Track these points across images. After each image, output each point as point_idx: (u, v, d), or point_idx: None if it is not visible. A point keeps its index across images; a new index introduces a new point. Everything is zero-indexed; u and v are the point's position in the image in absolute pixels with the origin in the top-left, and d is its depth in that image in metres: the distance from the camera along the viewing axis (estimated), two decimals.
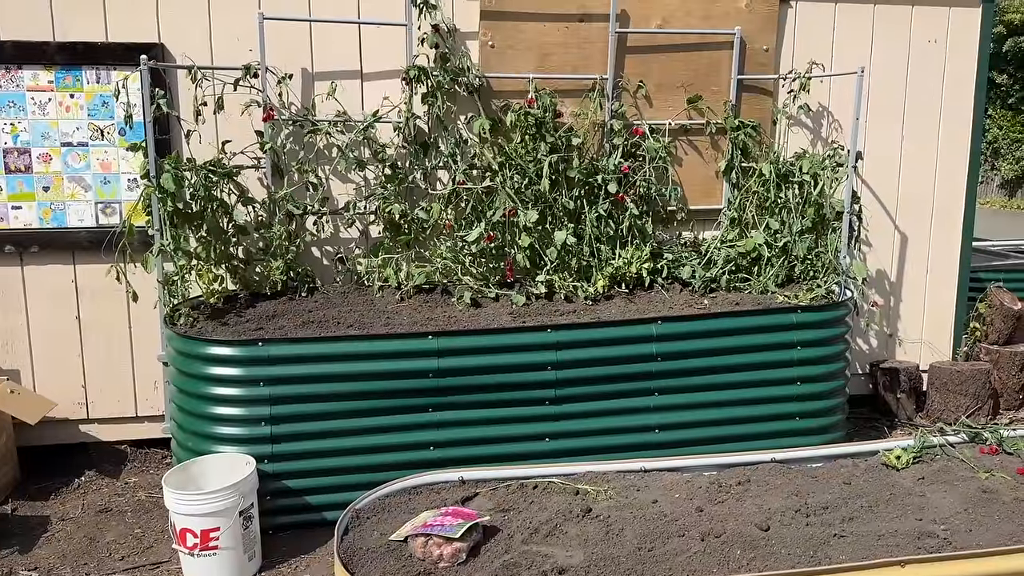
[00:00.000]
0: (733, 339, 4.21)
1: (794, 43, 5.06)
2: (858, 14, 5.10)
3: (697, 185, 5.10)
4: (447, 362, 3.86)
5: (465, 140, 4.67)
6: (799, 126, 5.15)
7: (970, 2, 5.22)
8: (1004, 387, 5.41)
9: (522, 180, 4.60)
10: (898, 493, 3.18)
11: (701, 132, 5.03)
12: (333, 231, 4.67)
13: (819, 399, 4.31)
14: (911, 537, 2.82)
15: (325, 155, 4.59)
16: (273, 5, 4.43)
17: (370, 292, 4.51)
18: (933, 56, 5.23)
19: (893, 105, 5.23)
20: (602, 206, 4.74)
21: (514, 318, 4.22)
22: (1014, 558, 2.61)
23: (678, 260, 4.87)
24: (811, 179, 4.79)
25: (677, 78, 4.95)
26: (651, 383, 4.13)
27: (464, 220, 4.64)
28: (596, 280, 4.64)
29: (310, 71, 4.55)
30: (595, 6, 4.75)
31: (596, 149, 4.85)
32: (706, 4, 4.90)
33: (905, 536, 2.83)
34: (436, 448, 3.88)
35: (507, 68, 4.69)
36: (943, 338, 5.50)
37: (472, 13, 4.64)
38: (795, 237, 4.81)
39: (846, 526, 2.92)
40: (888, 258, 5.38)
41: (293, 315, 4.14)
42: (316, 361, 3.75)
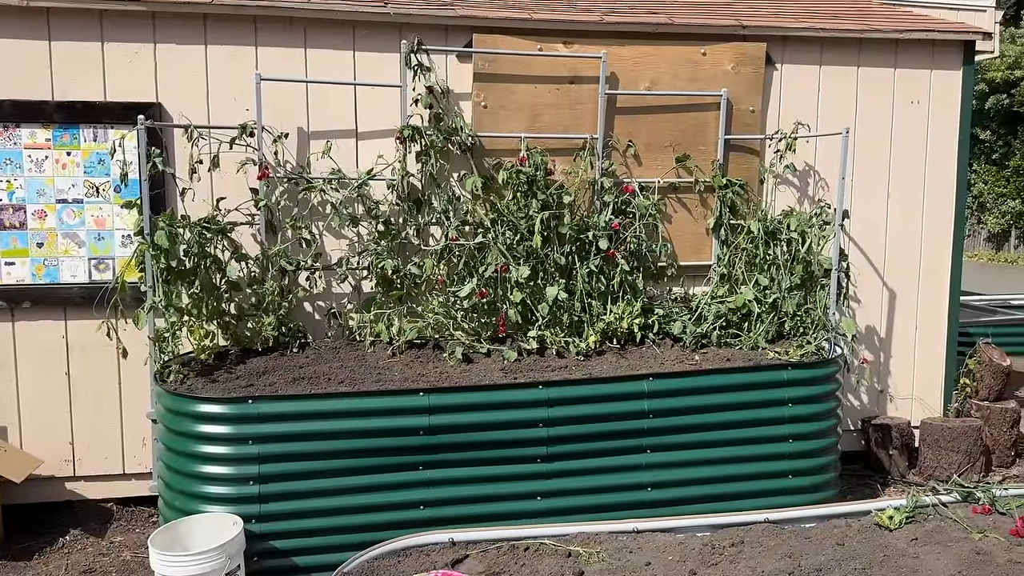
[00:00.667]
0: (725, 396, 4.21)
1: (780, 104, 5.18)
2: (842, 76, 5.23)
3: (687, 241, 5.16)
4: (438, 419, 3.84)
5: (458, 197, 4.73)
6: (786, 184, 5.23)
7: (951, 65, 5.36)
8: (996, 444, 5.41)
9: (514, 236, 4.64)
10: (891, 555, 3.16)
11: (690, 190, 5.11)
12: (326, 286, 4.69)
13: (812, 457, 4.30)
14: None
15: (319, 211, 4.64)
16: (270, 66, 4.52)
17: (362, 347, 4.51)
18: (916, 116, 5.35)
19: (878, 164, 5.33)
20: (593, 262, 4.78)
21: (506, 374, 4.22)
22: None
23: (669, 315, 4.90)
24: (799, 236, 4.85)
25: (665, 138, 5.04)
26: (643, 440, 4.11)
27: (456, 275, 4.67)
28: (588, 335, 4.66)
29: (306, 130, 4.62)
30: (585, 69, 4.85)
31: (587, 206, 4.91)
32: (693, 67, 5.02)
33: None
34: (426, 507, 3.84)
35: (499, 128, 4.78)
36: (934, 394, 5.52)
37: (465, 75, 4.74)
38: (784, 293, 4.85)
39: None
40: (877, 314, 5.42)
41: (284, 371, 4.13)
42: (306, 419, 3.73)
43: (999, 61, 18.21)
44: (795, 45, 5.15)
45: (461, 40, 4.72)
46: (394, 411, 3.81)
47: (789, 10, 5.53)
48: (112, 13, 4.34)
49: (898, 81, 5.30)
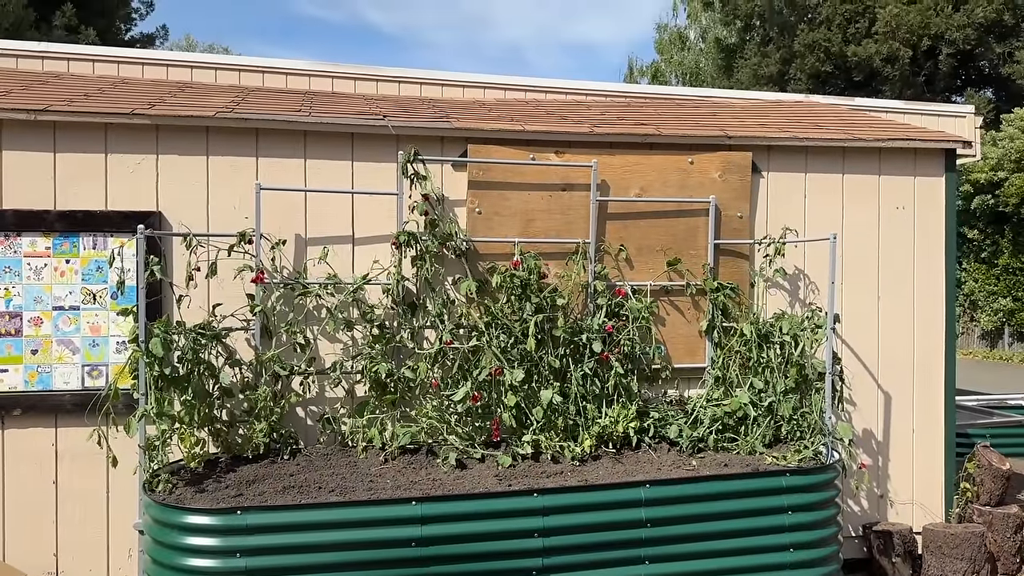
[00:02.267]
0: (724, 503, 4.13)
1: (768, 210, 5.30)
2: (827, 183, 5.38)
3: (680, 344, 5.18)
4: (431, 529, 3.76)
5: (452, 300, 4.77)
6: (776, 288, 5.30)
7: (934, 172, 5.52)
8: (1000, 550, 5.29)
9: (508, 339, 4.66)
10: None
11: (682, 293, 5.16)
12: (319, 391, 4.67)
13: (814, 566, 4.19)
14: None
15: (314, 316, 4.67)
16: (270, 176, 4.63)
17: (354, 453, 4.45)
18: (902, 221, 5.47)
19: (867, 268, 5.42)
20: (587, 365, 4.79)
21: (500, 480, 4.15)
22: None
23: (664, 419, 4.87)
24: (791, 339, 4.88)
25: (657, 242, 5.13)
26: (641, 551, 4.01)
27: (450, 379, 4.66)
28: (583, 440, 4.61)
29: (303, 236, 4.71)
30: (577, 177, 4.99)
31: (580, 309, 4.96)
32: (682, 175, 5.16)
33: None
34: None
35: (493, 233, 4.87)
36: (934, 498, 5.43)
37: (460, 182, 4.86)
38: (779, 397, 4.83)
39: None
40: (873, 417, 5.39)
41: (274, 480, 4.06)
42: (295, 530, 3.64)
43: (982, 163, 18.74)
44: (780, 154, 5.31)
45: (456, 150, 4.87)
46: (386, 521, 3.73)
47: (773, 120, 5.73)
48: (117, 126, 4.48)
49: (883, 187, 5.45)
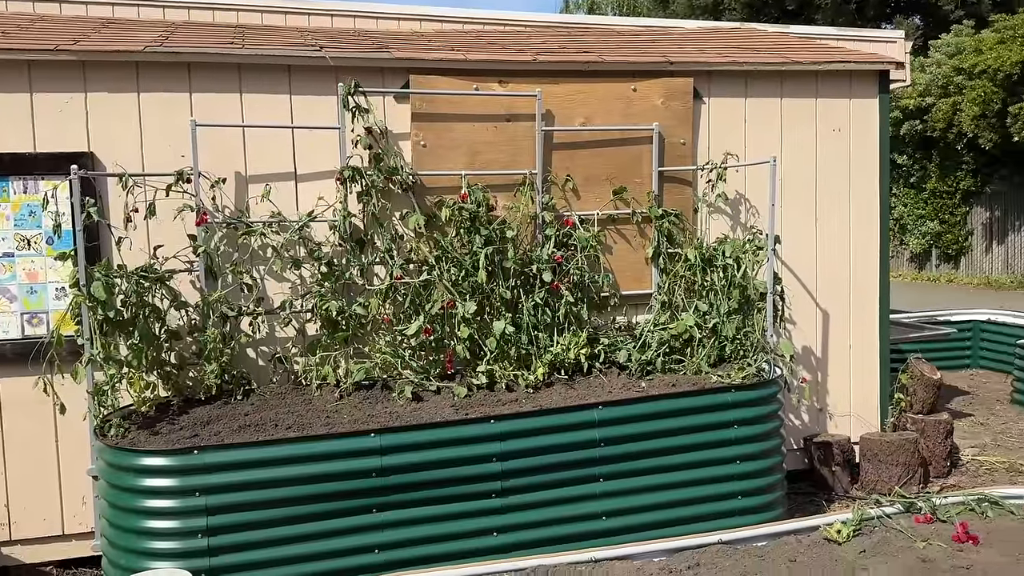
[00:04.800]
0: (673, 421, 4.28)
1: (709, 136, 5.36)
2: (767, 107, 5.45)
3: (628, 271, 5.26)
4: (391, 460, 3.81)
5: (401, 236, 4.75)
6: (719, 213, 5.40)
7: (868, 93, 5.64)
8: (932, 455, 5.61)
9: (459, 272, 4.67)
10: (842, 568, 3.24)
11: (628, 221, 5.23)
12: (269, 331, 4.63)
13: (758, 477, 4.39)
14: None
15: (260, 255, 4.60)
16: (206, 112, 4.49)
17: (308, 391, 4.45)
18: (839, 143, 5.60)
19: (805, 190, 5.55)
20: (538, 295, 4.84)
21: (456, 410, 4.22)
22: None
23: (614, 344, 4.97)
24: (734, 262, 5.00)
25: (602, 171, 5.16)
26: (596, 469, 4.15)
27: (402, 314, 4.67)
28: (536, 368, 4.69)
29: (244, 174, 4.60)
30: (521, 107, 4.96)
31: (530, 240, 4.98)
32: (625, 103, 5.17)
33: None
34: (381, 551, 3.79)
35: (439, 166, 4.83)
36: (870, 410, 5.70)
37: (404, 115, 4.79)
38: (723, 318, 4.97)
39: None
40: (812, 335, 5.60)
41: (229, 420, 4.05)
42: (254, 467, 3.66)
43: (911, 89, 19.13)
44: (720, 79, 5.35)
45: (398, 82, 4.78)
46: (345, 454, 3.77)
47: (713, 47, 5.76)
48: (41, 63, 4.27)
49: (820, 110, 5.55)
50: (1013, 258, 19.20)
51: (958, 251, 20.32)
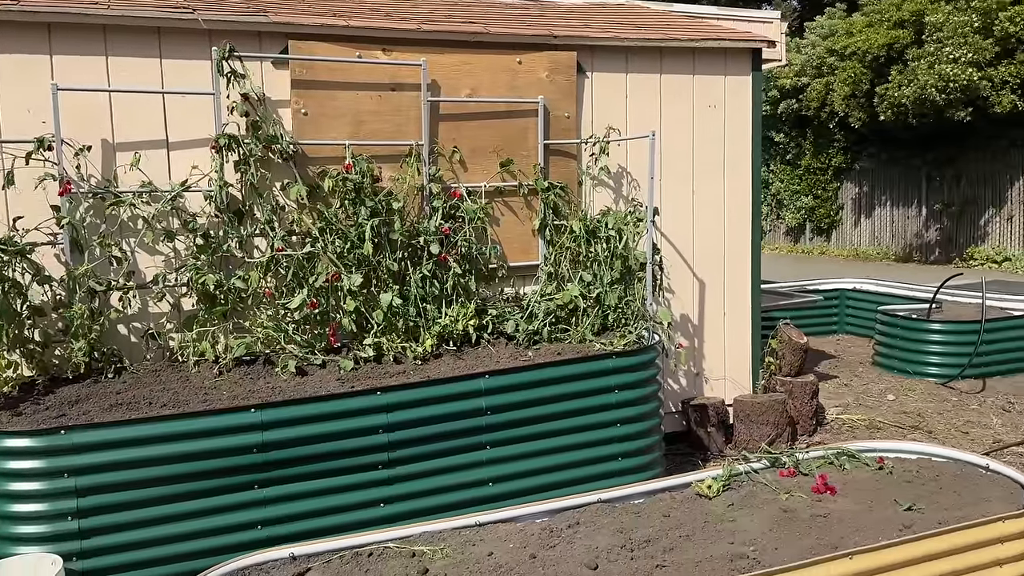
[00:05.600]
0: (557, 387, 4.38)
1: (593, 109, 5.47)
2: (647, 82, 5.60)
3: (515, 243, 5.32)
4: (272, 435, 3.75)
5: (282, 207, 4.64)
6: (602, 186, 5.53)
7: (742, 71, 5.87)
8: (799, 415, 5.96)
9: (344, 244, 4.61)
10: (711, 520, 3.42)
11: (515, 193, 5.28)
12: (142, 306, 4.44)
13: (638, 438, 4.57)
14: (725, 560, 3.04)
15: (130, 227, 4.40)
16: (68, 75, 4.24)
17: (185, 368, 4.31)
18: (714, 119, 5.81)
19: (682, 164, 5.75)
20: (426, 267, 4.84)
21: (342, 383, 4.18)
22: (816, 570, 2.88)
23: (502, 315, 5.04)
24: (616, 234, 5.14)
25: (489, 143, 5.18)
26: (482, 437, 4.21)
27: (285, 287, 4.57)
28: (424, 340, 4.70)
29: (111, 142, 4.37)
30: (407, 76, 4.91)
31: (417, 212, 4.96)
32: (511, 75, 5.19)
33: (720, 560, 3.05)
34: (265, 527, 3.73)
35: (322, 135, 4.73)
36: (743, 373, 6.01)
37: (283, 82, 4.66)
38: (606, 288, 5.11)
39: (667, 556, 3.10)
40: (690, 303, 5.83)
41: (99, 398, 3.88)
42: (127, 446, 3.53)
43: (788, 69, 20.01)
44: (603, 54, 5.45)
45: (276, 47, 4.63)
46: (224, 431, 3.68)
47: (597, 22, 5.85)
48: None
49: (696, 86, 5.74)
50: (879, 231, 20.50)
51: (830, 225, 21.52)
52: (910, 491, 3.65)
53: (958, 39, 15.79)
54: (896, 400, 7.01)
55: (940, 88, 15.68)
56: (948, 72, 15.47)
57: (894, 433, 6.06)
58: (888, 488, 3.69)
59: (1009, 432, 6.05)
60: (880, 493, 3.64)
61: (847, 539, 3.18)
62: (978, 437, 5.97)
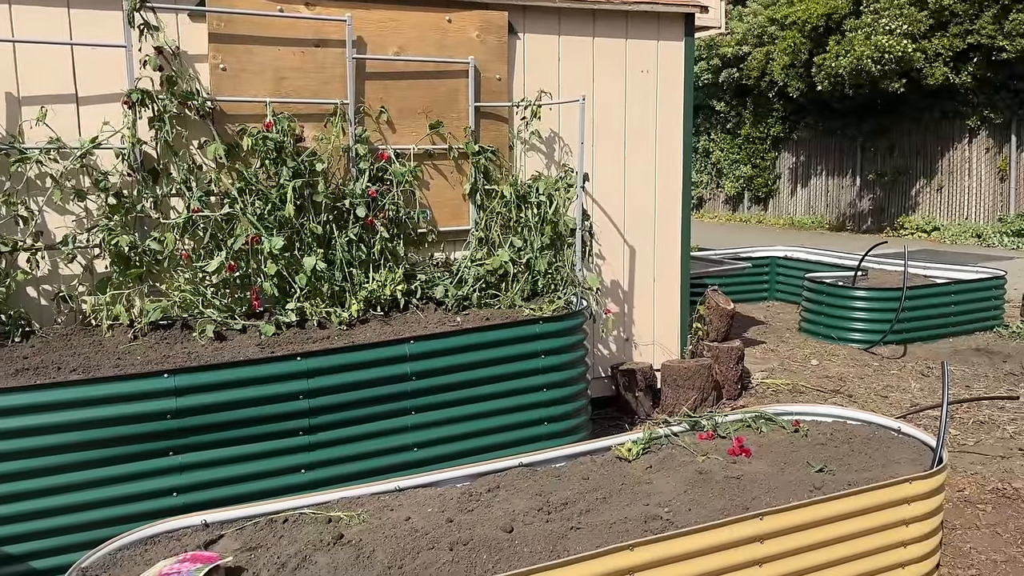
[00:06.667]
0: (484, 353, 4.37)
1: (524, 72, 5.39)
2: (580, 46, 5.54)
3: (445, 207, 5.25)
4: (187, 401, 3.65)
5: (199, 166, 4.48)
6: (534, 150, 5.48)
7: (675, 36, 5.85)
8: (725, 379, 6.07)
9: (265, 206, 4.48)
10: (629, 483, 3.46)
11: (445, 156, 5.20)
12: (51, 268, 4.26)
13: (564, 403, 4.59)
14: (639, 522, 3.08)
15: (38, 185, 4.20)
16: None
17: (98, 332, 4.17)
18: (646, 85, 5.79)
19: (614, 130, 5.73)
20: (352, 230, 4.74)
21: (262, 349, 4.09)
22: (726, 530, 2.94)
23: (431, 280, 4.98)
24: (547, 199, 5.11)
25: (418, 104, 5.08)
26: (407, 403, 4.17)
27: (203, 250, 4.44)
28: (350, 305, 4.62)
29: (15, 95, 4.15)
30: (331, 32, 4.76)
31: (343, 174, 4.85)
32: (440, 34, 5.08)
33: (634, 521, 3.08)
34: (180, 494, 3.65)
35: (241, 92, 4.57)
36: (672, 339, 6.08)
37: (200, 36, 4.47)
38: (537, 254, 5.09)
39: (583, 518, 3.13)
40: (620, 269, 5.86)
41: (5, 363, 3.73)
42: (32, 412, 3.39)
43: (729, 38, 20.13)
44: (535, 15, 5.37)
45: None
46: (136, 396, 3.57)
47: None
48: None
49: (629, 51, 5.71)
50: (814, 200, 20.93)
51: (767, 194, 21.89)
52: (823, 453, 3.75)
53: (894, 10, 16.07)
54: (819, 365, 7.20)
55: (876, 59, 15.96)
56: (884, 43, 15.75)
57: (815, 397, 6.23)
58: (802, 450, 3.79)
59: (927, 397, 6.27)
60: (794, 455, 3.73)
61: (759, 500, 3.24)
62: (896, 401, 6.17)
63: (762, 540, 3.04)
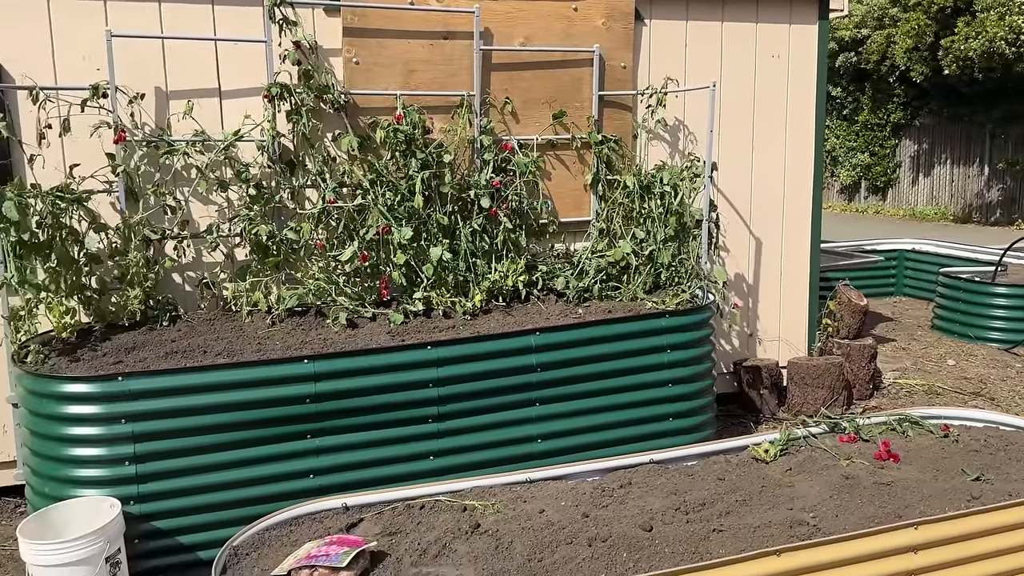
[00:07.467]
0: (609, 346, 4.31)
1: (650, 60, 5.28)
2: (708, 31, 5.38)
3: (567, 198, 5.21)
4: (325, 386, 3.75)
5: (333, 158, 4.59)
6: (658, 139, 5.36)
7: (807, 19, 5.61)
8: (856, 378, 5.81)
9: (394, 197, 4.55)
10: (769, 485, 3.34)
11: (568, 147, 5.15)
12: (196, 255, 4.46)
13: (690, 399, 4.49)
14: (784, 527, 2.97)
15: (184, 176, 4.39)
16: (122, 22, 4.20)
17: (239, 318, 4.33)
18: (777, 70, 5.58)
19: (743, 118, 5.55)
20: (476, 221, 4.76)
21: (392, 337, 4.16)
22: (878, 539, 2.80)
23: (552, 272, 4.96)
24: (671, 189, 4.99)
25: (542, 94, 5.05)
26: (532, 394, 4.17)
27: (336, 239, 4.55)
28: (473, 295, 4.65)
29: (164, 89, 4.35)
30: (459, 24, 4.78)
31: (467, 165, 4.87)
32: (566, 23, 5.03)
33: (778, 526, 2.97)
34: (316, 476, 3.76)
35: (373, 85, 4.65)
36: (799, 335, 5.86)
37: (335, 30, 4.57)
38: (660, 245, 4.99)
39: (723, 520, 3.04)
40: (745, 262, 5.68)
41: (155, 346, 3.92)
42: (182, 393, 3.56)
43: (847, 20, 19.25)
44: (662, 1, 5.24)
45: None
46: (277, 380, 3.69)
47: None
48: None
49: (760, 35, 5.51)
50: (937, 191, 19.83)
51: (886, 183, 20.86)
52: (977, 460, 3.52)
53: None
54: (956, 365, 6.80)
55: (1010, 41, 14.94)
56: (1020, 24, 14.71)
57: (955, 399, 5.88)
58: (954, 457, 3.57)
59: None
60: (946, 462, 3.52)
61: (912, 508, 3.08)
62: None
63: (916, 550, 2.88)
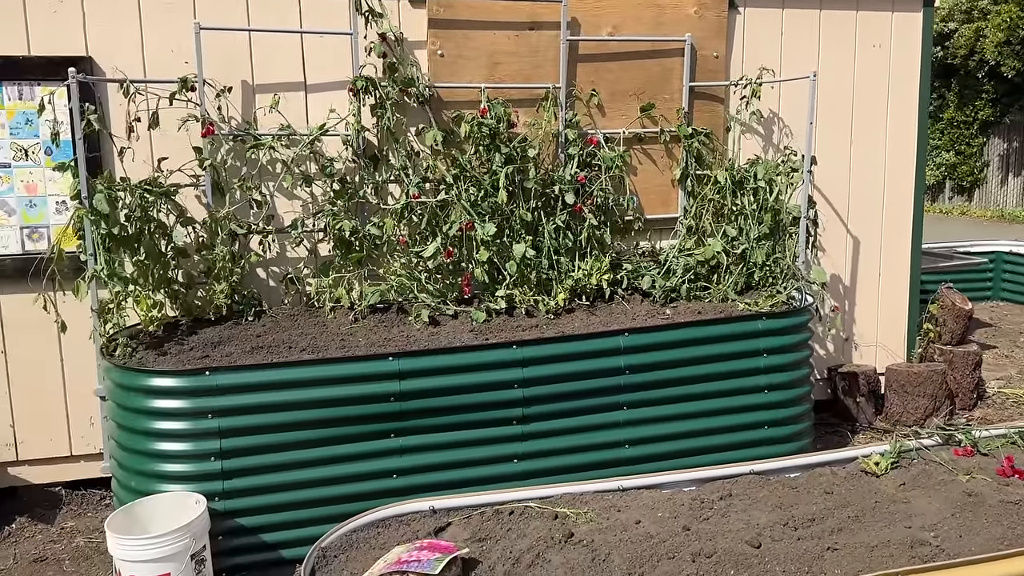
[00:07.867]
0: (700, 349, 4.12)
1: (744, 49, 5.05)
2: (805, 19, 5.12)
3: (653, 194, 5.03)
4: (409, 384, 3.66)
5: (417, 152, 4.50)
6: (751, 132, 5.13)
7: (911, 6, 5.30)
8: (959, 387, 5.47)
9: (478, 192, 4.44)
10: (882, 501, 3.11)
11: (655, 140, 4.96)
12: (280, 250, 4.43)
13: (787, 406, 4.26)
14: (904, 546, 2.74)
15: (269, 171, 4.36)
16: (210, 15, 4.20)
17: (321, 313, 4.28)
18: (878, 60, 5.28)
19: (841, 110, 5.27)
20: (560, 217, 4.62)
21: (475, 335, 4.05)
22: (1013, 562, 2.56)
23: (637, 270, 4.78)
24: (766, 185, 4.76)
25: (630, 86, 4.87)
26: (620, 397, 4.01)
27: (418, 235, 4.46)
28: (557, 293, 4.51)
29: (251, 83, 4.32)
30: (545, 14, 4.64)
31: (551, 159, 4.73)
32: (656, 11, 4.85)
33: (898, 546, 2.75)
34: (399, 476, 3.68)
35: (457, 77, 4.55)
36: (897, 340, 5.54)
37: (420, 22, 4.48)
38: (753, 244, 4.76)
39: (837, 538, 2.83)
40: (842, 262, 5.39)
41: (240, 341, 3.89)
42: (268, 389, 3.51)
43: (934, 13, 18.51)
44: None
45: None
46: (362, 378, 3.62)
47: None
48: None
49: (860, 23, 5.22)
50: None
51: (972, 183, 19.92)
52: None
53: None
54: None
55: None
56: None
57: None
58: None
59: None
60: None
61: None
62: None
63: None
